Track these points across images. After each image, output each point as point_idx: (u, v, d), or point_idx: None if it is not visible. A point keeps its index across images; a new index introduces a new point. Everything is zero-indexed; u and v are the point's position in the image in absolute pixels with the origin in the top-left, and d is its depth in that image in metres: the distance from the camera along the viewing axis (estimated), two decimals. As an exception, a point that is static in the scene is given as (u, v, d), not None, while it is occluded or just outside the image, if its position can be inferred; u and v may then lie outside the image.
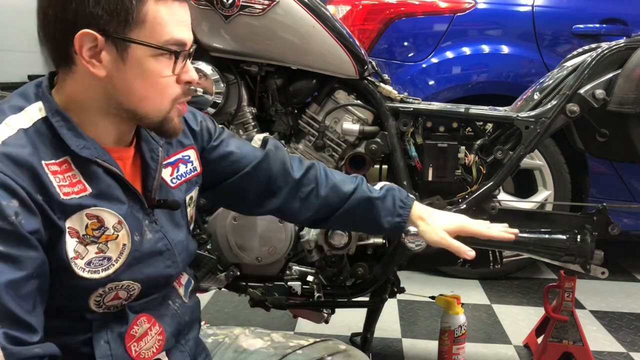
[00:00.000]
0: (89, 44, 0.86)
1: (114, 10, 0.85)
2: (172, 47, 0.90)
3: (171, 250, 1.02)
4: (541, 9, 2.69)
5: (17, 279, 0.80)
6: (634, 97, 1.53)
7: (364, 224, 1.31)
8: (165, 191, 1.05)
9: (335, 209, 1.26)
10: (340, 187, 1.26)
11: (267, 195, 1.25)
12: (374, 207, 1.25)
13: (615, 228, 1.66)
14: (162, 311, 1.04)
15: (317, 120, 1.70)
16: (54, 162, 0.87)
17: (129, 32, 0.87)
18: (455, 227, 1.23)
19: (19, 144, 0.85)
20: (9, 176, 0.81)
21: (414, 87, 2.72)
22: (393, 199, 1.25)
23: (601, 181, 2.70)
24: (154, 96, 0.92)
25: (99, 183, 0.91)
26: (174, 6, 0.90)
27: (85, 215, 0.89)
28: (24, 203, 0.82)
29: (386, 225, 1.25)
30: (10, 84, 4.49)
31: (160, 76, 0.91)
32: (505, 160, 1.65)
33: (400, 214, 1.24)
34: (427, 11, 2.72)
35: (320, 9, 1.62)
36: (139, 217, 0.97)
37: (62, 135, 0.88)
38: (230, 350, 1.23)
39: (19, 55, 4.87)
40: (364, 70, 1.68)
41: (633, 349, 2.16)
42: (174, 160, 1.09)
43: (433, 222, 1.23)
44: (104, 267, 0.91)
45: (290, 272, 1.70)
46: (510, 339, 2.21)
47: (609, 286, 2.75)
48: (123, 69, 0.89)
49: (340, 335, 2.04)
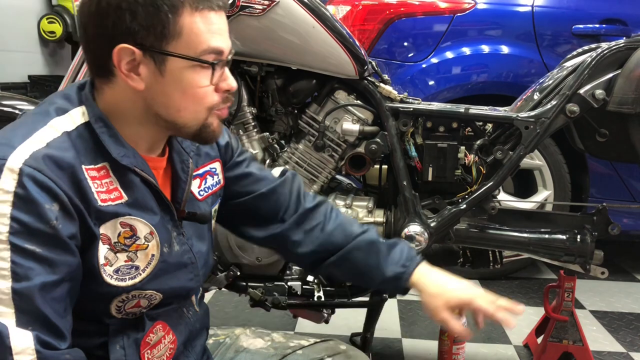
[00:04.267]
0: (127, 58, 0.86)
1: (151, 24, 0.85)
2: (209, 57, 0.89)
3: (195, 264, 1.03)
4: (541, 9, 2.69)
5: (51, 282, 0.80)
6: (633, 97, 1.53)
7: (363, 269, 1.20)
8: (192, 203, 1.05)
9: (336, 249, 1.19)
10: (347, 226, 1.21)
11: (274, 220, 1.21)
12: (379, 252, 1.18)
13: (615, 228, 1.67)
14: (176, 320, 1.05)
15: (317, 120, 1.70)
16: (93, 168, 0.88)
17: (166, 45, 0.87)
18: (459, 305, 1.12)
19: (62, 147, 0.85)
20: (51, 179, 0.81)
21: (414, 87, 2.72)
22: (402, 251, 1.18)
23: (601, 181, 2.70)
24: (192, 106, 0.91)
25: (134, 192, 0.92)
26: (210, 15, 0.89)
27: (119, 223, 0.90)
28: (65, 207, 0.82)
29: (388, 274, 1.16)
30: (11, 84, 4.51)
31: (198, 87, 0.90)
32: (505, 161, 1.65)
33: (407, 265, 1.16)
34: (427, 11, 2.72)
35: (320, 9, 1.62)
36: (168, 228, 0.98)
37: (104, 141, 0.89)
38: (232, 350, 1.23)
39: (19, 55, 4.89)
40: (364, 71, 1.68)
41: (633, 349, 2.16)
42: (202, 172, 1.09)
43: (434, 291, 1.13)
44: (131, 275, 0.92)
45: (290, 272, 1.70)
46: (510, 339, 2.21)
47: (609, 286, 2.75)
48: (162, 82, 0.89)
49: (340, 335, 2.04)
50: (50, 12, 5.11)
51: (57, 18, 5.03)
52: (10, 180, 0.79)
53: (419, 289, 1.15)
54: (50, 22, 5.04)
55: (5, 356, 0.76)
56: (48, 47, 5.24)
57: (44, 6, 5.18)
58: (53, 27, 5.05)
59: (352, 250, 1.18)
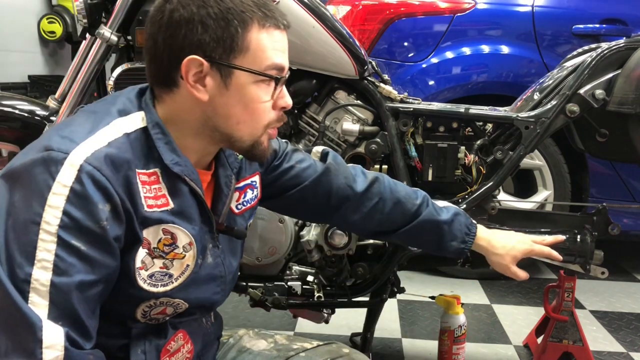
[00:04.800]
0: (194, 69, 0.89)
1: (221, 37, 0.88)
2: (272, 73, 0.92)
3: (224, 278, 1.04)
4: (541, 9, 2.69)
5: (88, 281, 0.81)
6: (633, 97, 1.53)
7: (426, 244, 1.37)
8: (229, 217, 1.06)
9: (399, 227, 1.30)
10: (404, 204, 1.30)
11: (327, 208, 1.28)
12: (441, 230, 1.30)
13: (615, 228, 1.66)
14: (196, 329, 1.06)
15: (317, 120, 1.70)
16: (145, 172, 0.89)
17: (234, 59, 0.90)
18: (522, 255, 1.32)
19: (122, 148, 0.87)
20: (109, 180, 0.83)
21: (414, 87, 2.72)
22: (460, 225, 1.31)
23: (601, 181, 2.70)
24: (250, 121, 0.93)
25: (181, 200, 0.93)
26: (275, 33, 0.93)
27: (161, 229, 0.91)
28: (116, 209, 0.84)
29: (450, 249, 1.32)
30: (11, 84, 4.51)
31: (260, 102, 0.93)
32: (505, 161, 1.66)
33: (466, 241, 1.31)
34: (427, 11, 2.72)
35: (320, 9, 1.62)
36: (206, 239, 0.99)
37: (159, 147, 0.90)
38: (234, 350, 1.23)
39: (19, 55, 4.88)
40: (364, 71, 1.68)
41: (633, 349, 2.16)
42: (242, 186, 1.11)
43: (501, 252, 1.32)
44: (164, 282, 0.93)
45: (290, 272, 1.70)
46: (510, 339, 2.21)
47: (609, 286, 2.75)
48: (226, 94, 0.91)
49: (340, 335, 2.05)
50: (50, 12, 5.11)
51: (57, 18, 5.03)
52: (69, 174, 0.81)
53: (483, 253, 1.34)
54: (50, 22, 5.04)
55: (34, 347, 0.76)
56: (48, 47, 5.24)
57: (44, 6, 5.18)
58: (53, 27, 5.05)
59: (414, 228, 1.30)
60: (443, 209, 1.33)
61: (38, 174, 0.81)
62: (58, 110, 1.75)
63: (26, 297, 0.77)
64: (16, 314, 0.76)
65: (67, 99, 1.69)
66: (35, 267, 0.78)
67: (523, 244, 1.33)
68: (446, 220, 1.30)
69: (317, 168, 1.26)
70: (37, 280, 0.77)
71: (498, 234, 1.35)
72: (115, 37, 1.62)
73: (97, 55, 1.65)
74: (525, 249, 1.33)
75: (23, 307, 0.76)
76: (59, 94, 1.82)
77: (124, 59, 1.73)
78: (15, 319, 0.77)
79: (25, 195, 0.80)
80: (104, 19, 1.67)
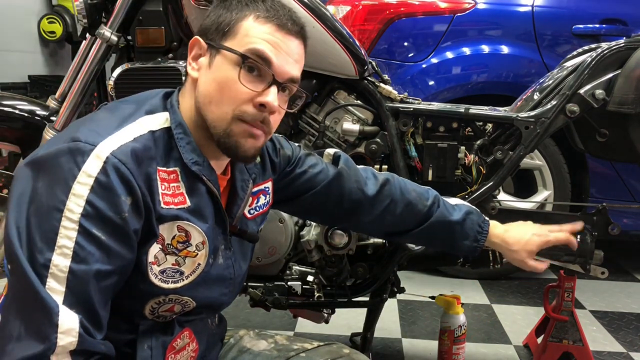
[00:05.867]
0: (196, 49, 0.97)
1: (220, 23, 0.95)
2: (249, 55, 0.92)
3: (233, 280, 1.05)
4: (541, 9, 2.69)
5: (104, 271, 0.82)
6: (633, 97, 1.53)
7: (439, 244, 1.39)
8: (241, 220, 1.07)
9: (411, 228, 1.32)
10: (415, 205, 1.31)
11: (340, 211, 1.29)
12: (453, 230, 1.32)
13: (615, 228, 1.66)
14: (201, 329, 1.07)
15: (317, 120, 1.70)
16: (165, 170, 0.91)
17: (223, 41, 0.94)
18: (538, 248, 1.31)
19: (147, 144, 0.89)
20: (132, 173, 0.84)
21: (414, 87, 2.72)
22: (472, 223, 1.31)
23: (601, 181, 2.70)
24: (219, 101, 0.94)
25: (198, 199, 0.95)
26: (274, 28, 0.95)
27: (176, 226, 0.92)
28: (137, 202, 0.85)
29: (463, 248, 1.33)
30: (11, 84, 4.50)
31: (232, 81, 0.93)
32: (505, 161, 1.66)
33: (478, 239, 1.32)
34: (427, 11, 2.72)
35: (320, 9, 1.62)
36: (218, 240, 1.00)
37: (180, 147, 0.93)
38: (235, 350, 1.24)
39: (19, 55, 4.88)
40: (364, 71, 1.68)
41: (633, 349, 2.16)
42: (256, 191, 1.12)
43: (516, 248, 1.31)
44: (174, 279, 0.94)
45: (290, 272, 1.70)
46: (510, 339, 2.21)
47: (609, 286, 2.75)
48: (208, 72, 0.95)
49: (340, 335, 2.05)
50: (50, 12, 5.10)
51: (57, 18, 5.03)
52: (95, 165, 0.82)
53: (498, 250, 1.35)
54: (50, 22, 5.04)
55: (49, 332, 0.77)
56: (48, 47, 5.24)
57: (44, 6, 5.18)
58: (53, 27, 5.04)
59: (426, 229, 1.31)
60: (455, 207, 1.33)
61: (64, 162, 0.82)
62: (58, 110, 1.74)
63: (44, 281, 0.78)
64: (33, 298, 0.77)
65: (67, 99, 1.69)
66: (55, 252, 0.79)
67: (538, 236, 1.31)
68: (458, 220, 1.31)
69: (329, 172, 1.27)
70: (57, 266, 0.78)
71: (512, 229, 1.34)
72: (115, 37, 1.62)
73: (97, 55, 1.65)
74: (541, 241, 1.31)
75: (41, 291, 0.77)
76: (59, 94, 1.82)
77: (124, 59, 1.73)
78: (32, 303, 0.77)
79: (49, 182, 0.81)
80: (104, 19, 1.67)
